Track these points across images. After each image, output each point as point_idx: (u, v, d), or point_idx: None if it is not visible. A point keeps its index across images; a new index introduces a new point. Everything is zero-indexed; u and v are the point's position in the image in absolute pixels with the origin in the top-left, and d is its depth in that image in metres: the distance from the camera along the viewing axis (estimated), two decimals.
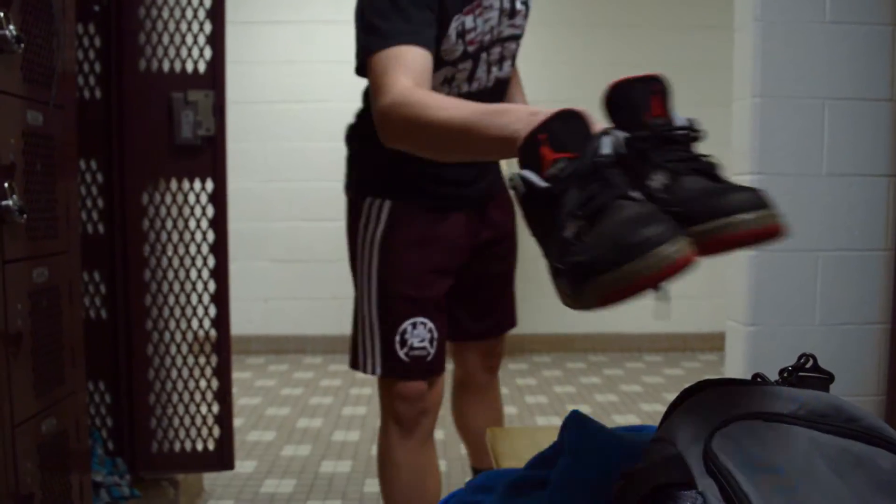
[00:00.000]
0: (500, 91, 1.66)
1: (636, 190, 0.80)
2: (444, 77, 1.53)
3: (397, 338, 1.56)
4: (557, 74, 4.53)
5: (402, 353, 1.56)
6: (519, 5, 1.59)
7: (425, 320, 1.57)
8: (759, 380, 0.87)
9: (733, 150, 2.02)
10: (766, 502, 0.67)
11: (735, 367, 2.00)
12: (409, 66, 1.27)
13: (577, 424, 0.93)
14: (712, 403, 0.80)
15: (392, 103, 1.18)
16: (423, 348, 1.57)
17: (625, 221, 0.73)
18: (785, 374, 0.87)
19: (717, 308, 1.78)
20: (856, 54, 1.90)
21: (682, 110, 0.98)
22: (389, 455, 1.64)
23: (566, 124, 0.85)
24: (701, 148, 1.04)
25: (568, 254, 0.75)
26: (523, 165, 0.84)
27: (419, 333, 1.57)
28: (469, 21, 1.49)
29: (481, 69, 1.57)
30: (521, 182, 0.81)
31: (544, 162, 0.82)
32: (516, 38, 1.63)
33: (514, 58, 1.68)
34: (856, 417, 0.77)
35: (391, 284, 1.58)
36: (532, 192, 0.81)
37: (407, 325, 1.56)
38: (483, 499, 0.97)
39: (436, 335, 1.59)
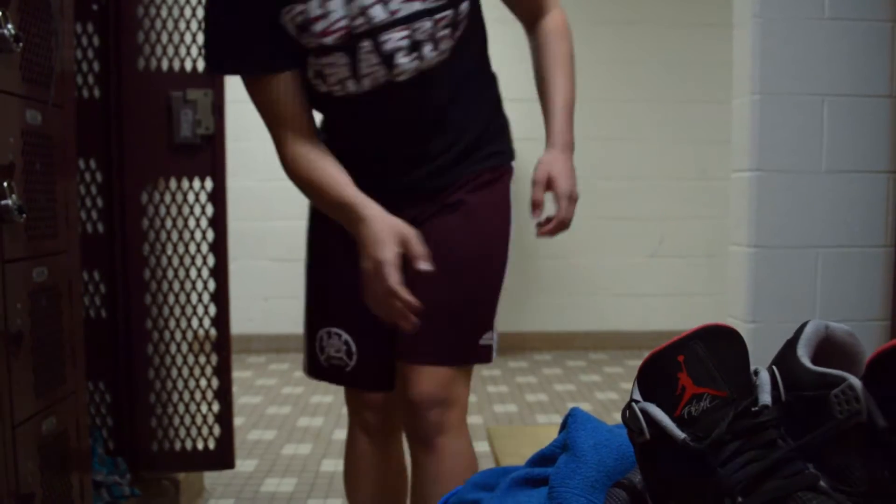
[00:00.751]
0: (439, 83, 1.33)
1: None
2: (313, 71, 1.30)
3: (316, 343, 1.48)
4: None
5: (321, 359, 1.48)
6: None
7: (339, 331, 1.44)
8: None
9: (733, 147, 2.02)
10: None
11: None
12: (282, 113, 1.32)
13: (577, 422, 0.93)
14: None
15: (285, 167, 1.38)
16: (340, 359, 1.45)
17: None
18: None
19: (718, 305, 1.78)
20: (855, 51, 1.90)
21: (682, 108, 0.98)
22: (351, 456, 1.56)
23: (714, 347, 0.58)
24: (699, 145, 1.00)
25: None
26: (643, 395, 0.61)
27: (334, 343, 1.45)
28: (313, 7, 1.22)
29: (368, 62, 1.27)
30: (643, 420, 0.58)
31: (683, 396, 0.57)
32: (430, 12, 1.25)
33: (445, 39, 1.29)
34: None
35: (308, 289, 1.51)
36: (662, 441, 0.57)
37: (322, 332, 1.46)
38: (483, 496, 0.97)
39: (353, 348, 1.44)
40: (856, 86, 1.90)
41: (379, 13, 1.23)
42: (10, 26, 1.21)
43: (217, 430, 2.13)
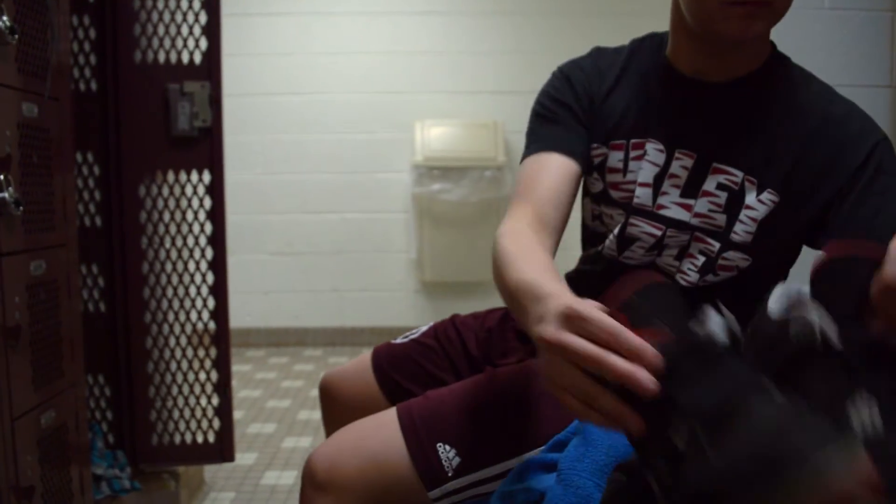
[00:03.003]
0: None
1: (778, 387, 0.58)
2: (592, 213, 1.26)
3: None
4: (557, 62, 4.51)
5: None
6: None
7: None
8: None
9: None
10: None
11: None
12: (537, 187, 1.14)
13: None
14: None
15: (497, 237, 1.08)
16: None
17: (767, 427, 0.53)
18: None
19: None
20: (855, 41, 1.89)
21: None
22: None
23: (647, 299, 0.66)
24: None
25: (686, 478, 0.56)
26: None
27: None
28: (614, 158, 1.18)
29: (636, 234, 1.18)
30: None
31: None
32: (714, 235, 1.13)
33: (716, 266, 1.14)
34: None
35: None
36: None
37: None
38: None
39: None
40: (856, 76, 1.90)
41: (646, 199, 1.16)
42: (5, 18, 1.20)
43: (217, 424, 2.13)
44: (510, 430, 1.13)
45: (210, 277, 2.10)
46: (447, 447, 1.13)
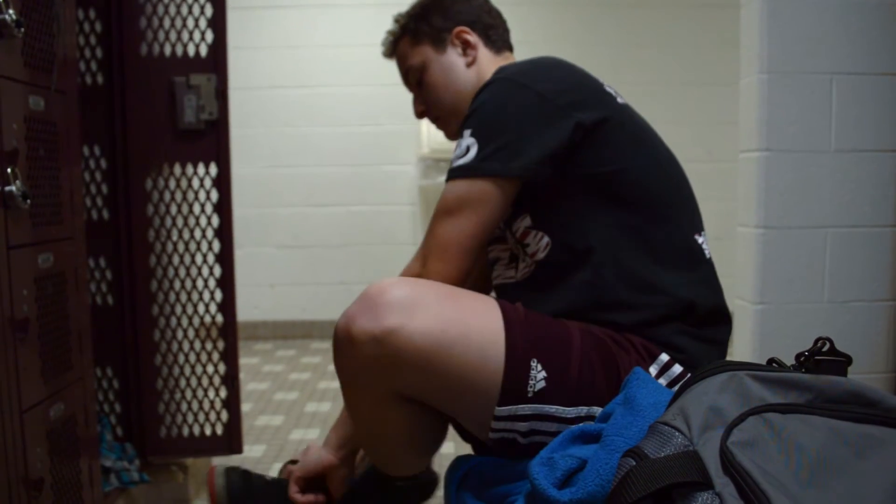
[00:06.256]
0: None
1: None
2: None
3: None
4: (562, 53, 4.49)
5: None
6: None
7: None
8: (774, 365, 0.86)
9: (741, 127, 2.00)
10: (789, 500, 0.65)
11: (743, 345, 1.99)
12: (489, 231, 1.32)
13: (639, 380, 0.99)
14: (725, 392, 0.78)
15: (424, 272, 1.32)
16: None
17: None
18: (801, 359, 0.85)
19: (725, 287, 1.77)
20: (863, 28, 1.88)
21: (686, 90, 0.96)
22: None
23: None
24: (705, 127, 1.00)
25: None
26: None
27: None
28: None
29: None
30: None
31: None
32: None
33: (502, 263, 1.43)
34: (875, 401, 0.75)
35: None
36: None
37: None
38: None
39: None
40: (865, 64, 1.89)
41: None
42: (11, 12, 1.20)
43: (225, 416, 2.14)
44: (595, 379, 1.13)
45: (217, 270, 2.10)
46: (539, 366, 1.12)
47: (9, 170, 1.21)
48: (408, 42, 1.55)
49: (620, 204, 1.27)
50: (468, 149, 1.26)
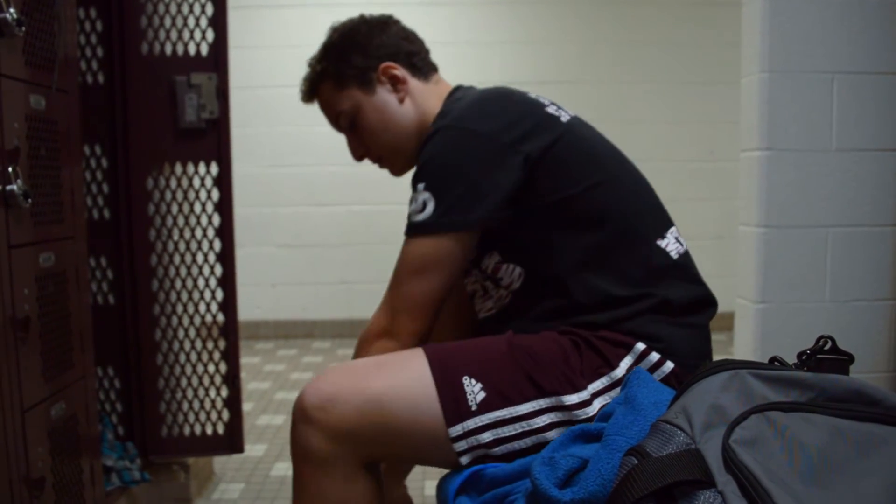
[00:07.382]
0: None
1: None
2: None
3: None
4: (562, 52, 4.50)
5: None
6: None
7: None
8: (776, 364, 0.86)
9: (742, 126, 2.00)
10: (791, 498, 0.65)
11: (744, 344, 1.99)
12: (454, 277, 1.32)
13: (640, 380, 1.00)
14: (727, 390, 0.78)
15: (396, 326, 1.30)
16: None
17: None
18: (803, 358, 0.85)
19: (727, 286, 1.76)
20: (865, 27, 1.88)
21: (687, 89, 0.97)
22: None
23: None
24: (706, 126, 1.00)
25: None
26: None
27: None
28: None
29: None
30: None
31: None
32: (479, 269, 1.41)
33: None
34: (877, 400, 0.75)
35: None
36: None
37: None
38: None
39: None
40: (866, 63, 1.88)
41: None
42: (12, 11, 1.20)
43: (226, 415, 2.14)
44: (533, 376, 1.16)
45: (218, 269, 2.10)
46: (472, 381, 1.14)
47: (10, 169, 1.21)
48: (331, 87, 1.50)
49: (581, 227, 1.27)
50: (425, 204, 1.27)
